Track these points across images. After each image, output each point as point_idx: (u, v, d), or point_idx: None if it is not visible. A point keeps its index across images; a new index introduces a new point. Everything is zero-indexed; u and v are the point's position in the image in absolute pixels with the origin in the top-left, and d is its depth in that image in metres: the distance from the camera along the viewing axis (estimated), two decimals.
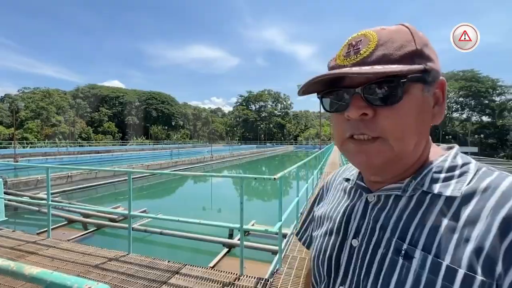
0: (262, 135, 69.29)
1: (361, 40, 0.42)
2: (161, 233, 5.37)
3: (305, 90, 0.43)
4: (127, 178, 3.41)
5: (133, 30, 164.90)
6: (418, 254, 0.37)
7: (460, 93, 45.53)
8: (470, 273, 0.33)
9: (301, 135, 68.10)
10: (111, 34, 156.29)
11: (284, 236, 4.07)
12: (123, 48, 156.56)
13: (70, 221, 6.27)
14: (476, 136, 44.00)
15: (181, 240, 5.21)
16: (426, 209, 0.39)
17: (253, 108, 72.43)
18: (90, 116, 56.74)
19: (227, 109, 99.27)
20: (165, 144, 47.81)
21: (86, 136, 49.26)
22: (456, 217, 0.37)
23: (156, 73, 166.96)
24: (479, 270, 0.33)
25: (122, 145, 45.10)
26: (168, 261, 3.07)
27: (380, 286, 0.39)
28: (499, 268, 0.32)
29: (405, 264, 0.38)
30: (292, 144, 60.60)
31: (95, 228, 6.01)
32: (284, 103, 73.17)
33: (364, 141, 0.40)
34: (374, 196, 0.45)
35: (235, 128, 72.37)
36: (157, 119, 64.29)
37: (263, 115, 71.32)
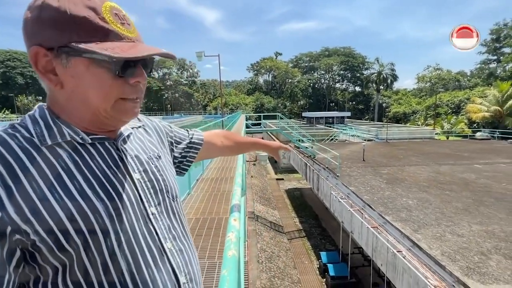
0: (169, 105, 64.93)
1: (124, 15, 0.49)
2: None
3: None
4: None
5: None
6: (161, 155, 0.66)
7: (341, 66, 54.25)
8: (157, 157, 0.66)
9: (210, 104, 67.45)
10: None
11: None
12: None
13: None
14: (351, 103, 54.39)
15: None
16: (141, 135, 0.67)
17: (156, 75, 65.90)
18: None
19: None
20: None
21: None
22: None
23: (16, 24, 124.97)
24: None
25: None
26: None
27: (169, 178, 0.62)
28: None
29: (160, 161, 0.63)
30: (201, 114, 59.68)
31: None
32: (191, 70, 69.43)
33: (137, 101, 0.52)
34: (122, 141, 0.56)
35: None
36: (26, 87, 50.45)
37: (168, 83, 65.96)
